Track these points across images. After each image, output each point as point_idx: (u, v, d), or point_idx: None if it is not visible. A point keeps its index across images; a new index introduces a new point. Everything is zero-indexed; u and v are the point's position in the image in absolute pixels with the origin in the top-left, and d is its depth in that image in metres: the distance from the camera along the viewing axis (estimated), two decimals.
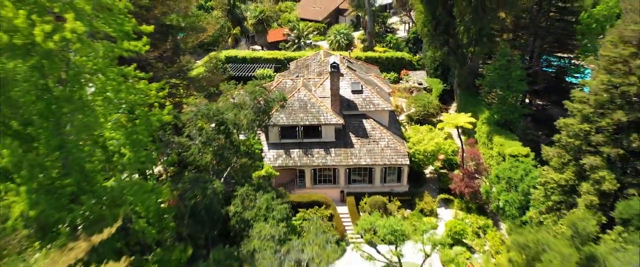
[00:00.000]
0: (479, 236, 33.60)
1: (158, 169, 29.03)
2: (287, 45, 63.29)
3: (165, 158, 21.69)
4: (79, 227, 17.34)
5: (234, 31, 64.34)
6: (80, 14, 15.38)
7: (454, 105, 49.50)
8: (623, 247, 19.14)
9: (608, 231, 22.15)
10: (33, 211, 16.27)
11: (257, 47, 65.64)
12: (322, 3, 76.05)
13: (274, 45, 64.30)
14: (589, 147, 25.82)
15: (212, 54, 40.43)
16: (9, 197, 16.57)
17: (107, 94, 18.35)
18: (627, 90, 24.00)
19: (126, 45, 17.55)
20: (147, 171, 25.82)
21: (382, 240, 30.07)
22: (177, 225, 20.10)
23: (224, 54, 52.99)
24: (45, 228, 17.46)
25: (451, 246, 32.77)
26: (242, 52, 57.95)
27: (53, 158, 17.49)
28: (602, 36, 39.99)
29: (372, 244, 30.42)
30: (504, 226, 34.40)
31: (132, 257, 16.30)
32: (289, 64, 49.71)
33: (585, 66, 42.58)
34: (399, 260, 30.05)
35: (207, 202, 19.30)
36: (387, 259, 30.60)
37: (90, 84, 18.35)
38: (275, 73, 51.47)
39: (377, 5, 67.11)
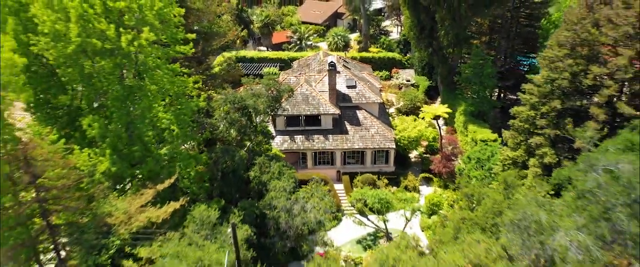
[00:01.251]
0: (452, 207, 39.95)
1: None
2: (290, 46, 69.49)
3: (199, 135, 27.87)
4: (145, 181, 23.64)
5: (242, 33, 70.58)
6: (152, 27, 21.69)
7: (439, 100, 55.78)
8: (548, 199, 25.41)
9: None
10: (114, 168, 22.64)
11: (263, 48, 71.98)
12: (321, 7, 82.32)
13: (278, 46, 70.50)
14: (535, 129, 32.20)
15: (227, 54, 46.68)
16: (95, 158, 22.89)
17: (160, 84, 24.71)
18: (562, 83, 30.36)
19: (178, 49, 23.90)
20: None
21: (370, 209, 36.49)
22: (211, 185, 26.39)
23: (235, 54, 59.32)
24: (118, 181, 23.82)
25: (429, 215, 39.12)
26: (250, 52, 64.30)
27: (122, 131, 23.88)
28: None
29: (362, 213, 36.82)
30: None
31: (188, 198, 22.64)
32: (292, 63, 56.04)
33: None
34: (385, 224, 36.46)
35: (235, 167, 25.55)
36: (375, 224, 37.03)
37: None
38: (280, 71, 57.75)
39: (371, 9, 73.33)
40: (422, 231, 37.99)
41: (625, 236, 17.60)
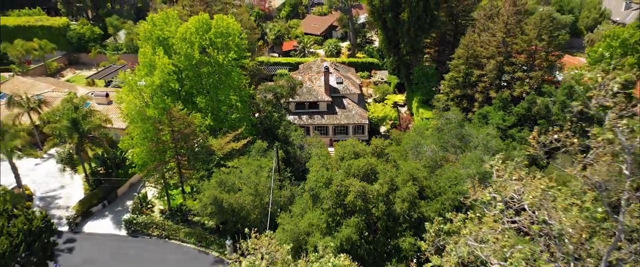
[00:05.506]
0: None
1: None
2: (296, 53, 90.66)
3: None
4: (227, 130, 44.92)
5: (259, 43, 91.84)
6: (233, 50, 42.86)
7: (406, 93, 76.96)
8: None
9: None
10: (212, 124, 43.98)
11: (275, 54, 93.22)
12: (319, 21, 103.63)
13: (286, 53, 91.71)
14: (448, 107, 53.44)
15: (259, 58, 68.38)
16: (203, 118, 44.14)
17: (233, 80, 45.97)
18: (459, 79, 51.59)
19: (243, 61, 45.18)
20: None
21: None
22: (257, 135, 47.69)
23: (267, 59, 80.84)
24: (213, 131, 45.15)
25: None
26: (268, 58, 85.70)
27: (214, 105, 45.18)
28: None
29: None
30: None
31: (252, 137, 43.92)
32: (298, 66, 77.25)
33: None
34: None
35: (271, 125, 46.62)
36: None
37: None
38: (289, 72, 78.96)
39: (358, 23, 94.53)
40: None
41: (455, 147, 39.03)
